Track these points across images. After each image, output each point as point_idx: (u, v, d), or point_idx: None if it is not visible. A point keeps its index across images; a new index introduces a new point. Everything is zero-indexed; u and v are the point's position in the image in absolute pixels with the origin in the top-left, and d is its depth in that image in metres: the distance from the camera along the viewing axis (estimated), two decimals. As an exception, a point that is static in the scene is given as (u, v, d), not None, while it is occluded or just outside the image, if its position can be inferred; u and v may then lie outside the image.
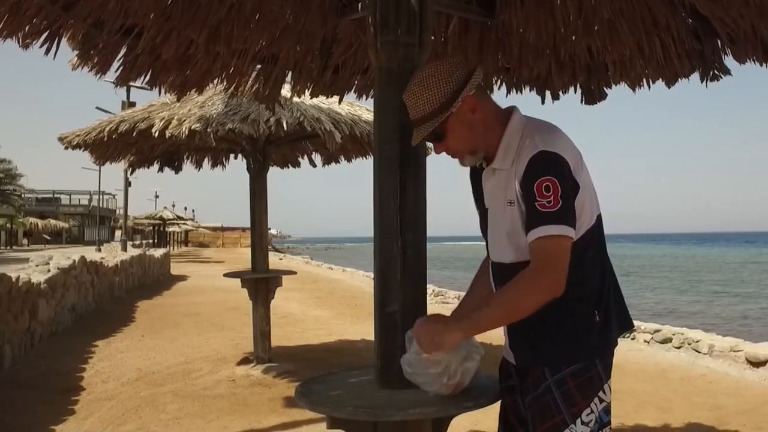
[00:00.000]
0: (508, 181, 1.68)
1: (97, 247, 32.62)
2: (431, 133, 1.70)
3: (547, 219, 1.56)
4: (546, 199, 1.55)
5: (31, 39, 2.58)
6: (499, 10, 2.76)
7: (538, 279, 1.58)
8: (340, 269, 23.75)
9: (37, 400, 4.99)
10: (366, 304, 11.36)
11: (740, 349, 6.33)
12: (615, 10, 2.71)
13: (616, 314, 1.75)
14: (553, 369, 1.68)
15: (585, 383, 1.67)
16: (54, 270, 8.19)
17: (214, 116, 5.21)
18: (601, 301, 1.70)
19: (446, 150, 1.76)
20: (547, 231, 1.56)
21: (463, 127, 1.70)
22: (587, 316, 1.68)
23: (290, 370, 5.98)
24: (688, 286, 23.72)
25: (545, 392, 1.68)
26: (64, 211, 63.15)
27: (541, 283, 1.58)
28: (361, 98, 3.57)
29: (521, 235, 1.66)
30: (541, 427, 1.68)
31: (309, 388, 2.05)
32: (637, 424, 4.45)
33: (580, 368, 1.67)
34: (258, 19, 2.96)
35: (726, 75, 2.87)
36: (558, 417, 1.65)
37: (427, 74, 1.70)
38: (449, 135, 1.71)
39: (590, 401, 1.67)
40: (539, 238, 1.57)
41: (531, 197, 1.58)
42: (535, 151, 1.60)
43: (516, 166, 1.65)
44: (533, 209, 1.57)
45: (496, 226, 1.78)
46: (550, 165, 1.58)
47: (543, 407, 1.68)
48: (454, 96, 1.67)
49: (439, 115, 1.67)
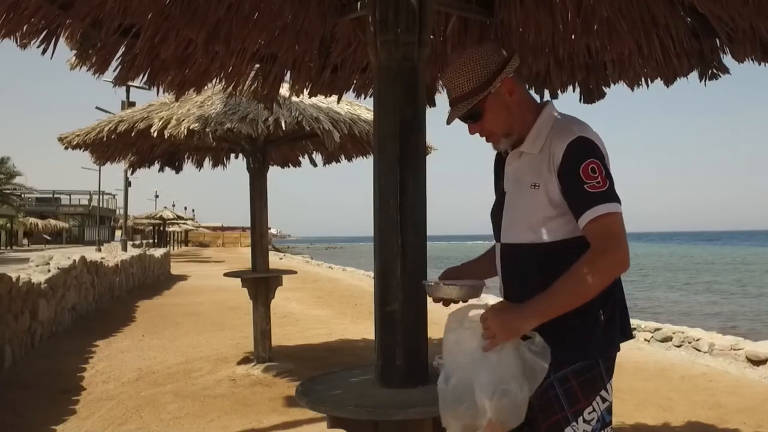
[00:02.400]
0: (535, 166, 1.71)
1: (97, 247, 32.61)
2: (469, 112, 1.73)
3: (599, 199, 1.58)
4: (594, 180, 1.59)
5: (30, 38, 2.58)
6: (498, 9, 2.77)
7: (604, 257, 1.58)
8: (341, 268, 23.74)
9: (37, 400, 4.99)
10: (366, 303, 11.36)
11: (740, 348, 6.33)
12: (614, 9, 2.71)
13: (620, 317, 1.76)
14: (555, 366, 1.68)
15: (587, 382, 1.68)
16: (54, 270, 8.19)
17: (212, 116, 5.21)
18: (607, 301, 1.70)
19: (481, 131, 1.78)
20: (602, 210, 1.58)
21: (500, 108, 1.74)
22: (592, 315, 1.68)
23: (291, 369, 5.98)
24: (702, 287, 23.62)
25: (548, 389, 1.68)
26: (64, 211, 63.09)
27: (609, 260, 1.58)
28: (360, 97, 3.57)
29: (538, 217, 1.69)
30: (545, 423, 1.68)
31: (309, 387, 2.05)
32: (637, 423, 4.45)
33: (582, 366, 1.68)
34: (257, 18, 2.96)
35: (725, 74, 2.87)
36: (560, 414, 1.66)
37: (467, 56, 1.75)
38: (486, 115, 1.74)
39: (592, 400, 1.67)
40: (596, 218, 1.58)
41: (578, 181, 1.60)
42: (573, 137, 1.64)
43: (549, 151, 1.67)
44: (583, 192, 1.59)
45: (514, 207, 1.79)
46: (590, 149, 1.63)
47: (546, 404, 1.68)
48: (493, 77, 1.71)
49: (479, 94, 1.70)
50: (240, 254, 38.23)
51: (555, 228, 1.70)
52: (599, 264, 1.58)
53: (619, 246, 1.58)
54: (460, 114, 1.74)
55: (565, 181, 1.64)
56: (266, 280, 6.18)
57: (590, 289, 1.59)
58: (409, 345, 2.04)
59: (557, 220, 1.69)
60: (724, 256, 50.00)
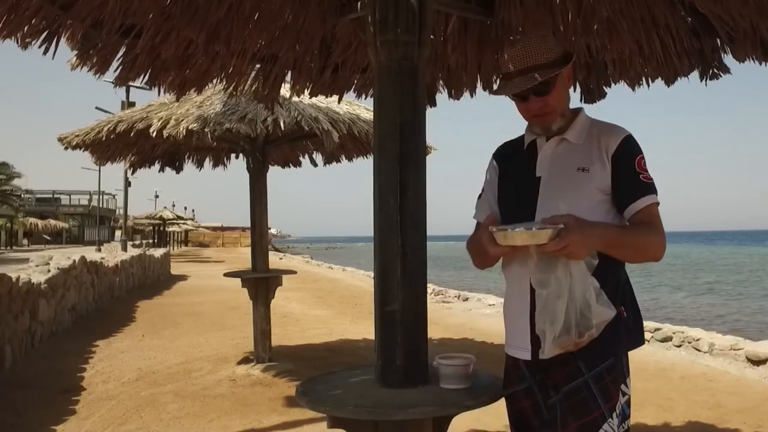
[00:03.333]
0: (583, 152, 1.79)
1: (97, 247, 32.61)
2: (545, 81, 1.74)
3: (652, 189, 1.75)
4: (646, 172, 1.76)
5: (31, 39, 2.57)
6: (498, 9, 2.76)
7: (660, 236, 1.74)
8: (341, 268, 23.74)
9: (37, 400, 4.99)
10: (366, 303, 11.36)
11: (740, 348, 6.33)
12: (614, 8, 2.71)
13: (635, 318, 1.82)
14: (589, 364, 1.70)
15: (617, 377, 1.73)
16: (54, 270, 8.20)
17: (212, 116, 5.22)
18: (626, 296, 1.81)
19: (544, 105, 1.79)
20: (655, 199, 1.75)
21: (565, 89, 1.83)
22: (618, 311, 1.74)
23: (291, 369, 5.98)
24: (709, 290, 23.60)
25: (582, 388, 1.70)
26: (64, 211, 63.05)
27: (662, 241, 1.75)
28: (361, 97, 3.57)
29: (583, 199, 1.75)
30: (577, 423, 1.68)
31: (309, 387, 2.05)
32: (637, 423, 4.45)
33: (613, 363, 1.73)
34: (257, 18, 2.96)
35: (725, 73, 2.87)
36: (597, 412, 1.68)
37: (547, 32, 1.86)
38: (554, 91, 1.78)
39: (619, 394, 1.73)
40: (651, 204, 1.74)
41: (634, 171, 1.75)
42: (626, 133, 1.79)
43: (599, 142, 1.78)
44: (639, 181, 1.75)
45: (554, 188, 1.80)
46: (638, 146, 1.80)
47: (579, 403, 1.69)
48: (565, 59, 1.78)
49: (557, 68, 1.75)
50: (240, 254, 38.24)
51: (597, 212, 1.74)
52: (657, 238, 1.73)
53: (664, 235, 1.76)
54: (532, 83, 1.73)
55: (620, 168, 1.75)
56: (266, 280, 6.18)
57: (644, 250, 1.74)
58: (409, 345, 2.04)
59: (601, 205, 1.76)
60: (725, 256, 49.99)
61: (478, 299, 12.31)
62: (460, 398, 1.87)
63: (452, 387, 1.91)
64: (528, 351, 1.79)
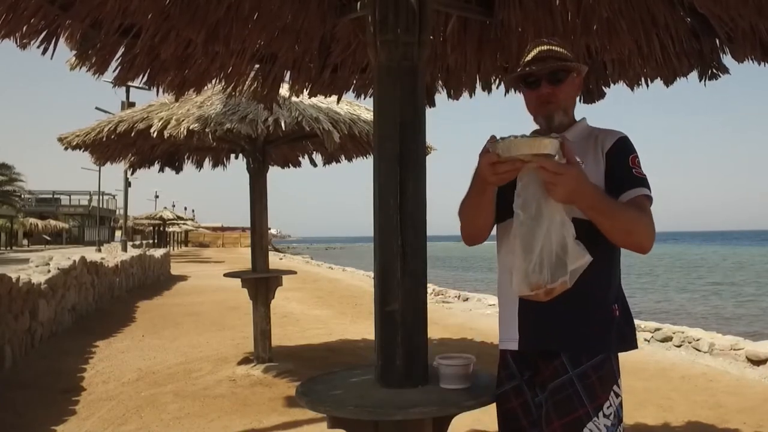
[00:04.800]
0: (581, 148, 1.80)
1: (97, 248, 32.60)
2: (562, 68, 1.84)
3: (644, 183, 1.79)
4: (640, 168, 1.82)
5: (29, 39, 2.57)
6: (497, 9, 2.76)
7: (650, 223, 1.76)
8: (341, 269, 23.74)
9: (37, 400, 4.99)
10: (366, 303, 11.36)
11: (740, 348, 6.33)
12: (614, 9, 2.71)
13: (626, 318, 1.82)
14: (573, 361, 1.71)
15: (605, 376, 1.72)
16: (54, 270, 8.20)
17: (212, 116, 5.21)
18: (619, 296, 1.81)
19: (551, 95, 1.86)
20: (646, 191, 1.79)
21: (574, 91, 1.93)
22: (610, 309, 1.76)
23: (291, 369, 5.98)
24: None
25: (566, 385, 1.70)
26: (64, 212, 63.03)
27: (651, 228, 1.75)
28: (360, 97, 3.57)
29: None
30: (561, 421, 1.68)
31: (310, 387, 2.05)
32: (637, 423, 4.45)
33: (600, 361, 1.72)
34: (256, 18, 2.96)
35: (724, 74, 2.87)
36: (581, 410, 1.68)
37: (564, 43, 1.97)
38: (564, 86, 1.87)
39: (609, 394, 1.72)
40: (642, 195, 1.77)
41: (627, 166, 1.81)
42: (621, 134, 1.87)
43: (596, 141, 1.85)
44: (632, 174, 1.80)
45: None
46: (633, 146, 1.87)
47: (563, 400, 1.69)
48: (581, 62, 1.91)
49: (574, 62, 1.88)
50: (240, 254, 38.24)
51: None
52: (646, 223, 1.73)
53: (654, 226, 1.76)
54: (554, 68, 1.83)
55: (614, 162, 1.80)
56: (266, 281, 6.18)
57: (631, 231, 1.72)
58: (409, 345, 2.04)
59: None
60: (726, 256, 49.99)
61: (478, 299, 12.31)
62: (460, 398, 1.87)
63: (452, 387, 1.92)
64: (515, 341, 1.81)
